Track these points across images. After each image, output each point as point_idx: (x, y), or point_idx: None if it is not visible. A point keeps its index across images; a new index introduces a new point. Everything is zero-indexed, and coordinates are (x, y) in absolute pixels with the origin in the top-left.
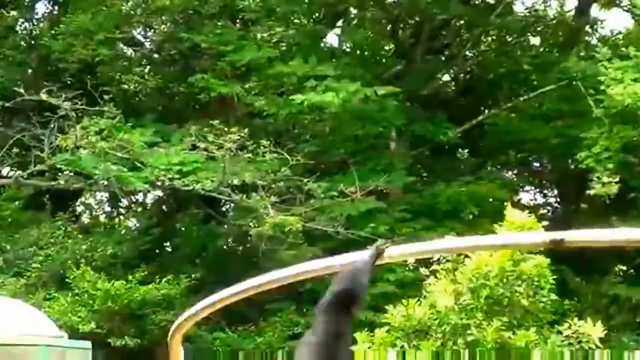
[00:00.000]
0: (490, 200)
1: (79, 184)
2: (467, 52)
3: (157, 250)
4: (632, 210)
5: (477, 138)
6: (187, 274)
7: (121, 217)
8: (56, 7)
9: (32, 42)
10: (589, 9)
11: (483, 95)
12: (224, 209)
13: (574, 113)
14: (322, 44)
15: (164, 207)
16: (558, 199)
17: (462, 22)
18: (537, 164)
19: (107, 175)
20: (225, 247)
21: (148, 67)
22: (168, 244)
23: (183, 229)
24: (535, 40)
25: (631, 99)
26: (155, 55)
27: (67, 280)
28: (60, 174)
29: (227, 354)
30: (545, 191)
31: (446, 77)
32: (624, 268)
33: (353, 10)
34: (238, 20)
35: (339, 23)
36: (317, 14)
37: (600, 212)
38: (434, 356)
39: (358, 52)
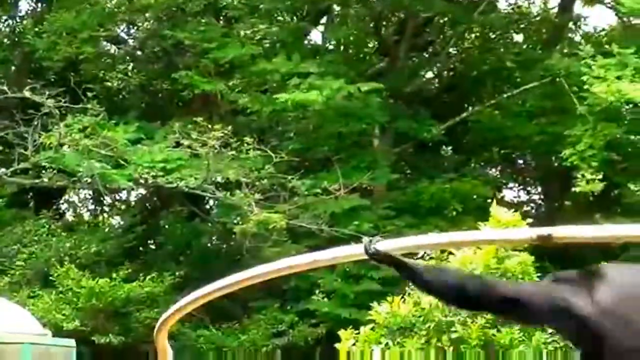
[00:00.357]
0: (474, 197)
1: (62, 181)
2: (450, 49)
3: (141, 248)
4: (616, 207)
5: (461, 135)
6: (171, 272)
7: (105, 215)
8: (40, 5)
9: (16, 39)
10: (572, 6)
11: (466, 92)
12: (207, 206)
13: (558, 110)
14: (305, 41)
15: (147, 204)
16: (542, 197)
17: (445, 19)
18: (520, 161)
19: (91, 172)
20: (209, 244)
21: (131, 64)
22: (152, 241)
23: (167, 226)
24: (519, 37)
25: (614, 97)
26: (139, 53)
27: (51, 278)
28: (43, 171)
29: (212, 351)
30: (529, 188)
31: (429, 74)
32: None
33: (336, 8)
34: (221, 18)
35: (323, 20)
36: (300, 11)
37: (584, 209)
38: (419, 355)
39: (341, 49)
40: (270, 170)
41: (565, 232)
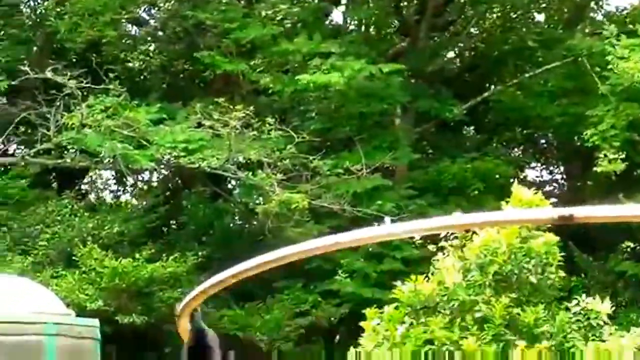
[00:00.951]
0: (496, 176)
1: (85, 162)
2: (471, 29)
3: (163, 229)
4: (638, 187)
5: (483, 115)
6: (194, 252)
7: (127, 195)
8: None
9: (38, 20)
10: None
11: (488, 72)
12: (230, 186)
13: (580, 90)
14: (326, 21)
15: (170, 185)
16: (564, 176)
17: None
18: (543, 141)
19: (113, 153)
20: (231, 224)
21: (153, 45)
22: (174, 222)
23: (189, 207)
24: (540, 17)
25: (638, 76)
26: (160, 33)
27: (74, 258)
28: (66, 152)
29: (236, 331)
30: (551, 168)
31: (451, 54)
32: (631, 245)
33: None
34: None
35: (344, 0)
36: None
37: (606, 189)
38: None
39: (362, 29)
40: (292, 150)
41: (587, 212)
